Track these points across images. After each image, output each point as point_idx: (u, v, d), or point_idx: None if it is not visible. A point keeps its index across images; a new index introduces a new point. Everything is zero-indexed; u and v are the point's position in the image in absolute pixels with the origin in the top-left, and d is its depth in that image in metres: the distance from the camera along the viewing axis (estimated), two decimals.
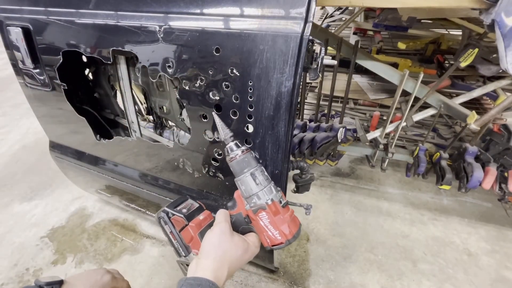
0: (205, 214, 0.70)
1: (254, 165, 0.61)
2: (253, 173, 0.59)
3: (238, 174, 0.61)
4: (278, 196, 0.60)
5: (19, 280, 1.28)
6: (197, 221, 0.66)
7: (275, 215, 0.58)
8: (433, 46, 1.92)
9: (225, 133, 0.63)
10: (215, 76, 0.67)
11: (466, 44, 1.10)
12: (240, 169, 0.61)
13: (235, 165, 0.61)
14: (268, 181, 0.61)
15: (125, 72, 0.97)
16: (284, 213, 0.59)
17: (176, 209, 0.67)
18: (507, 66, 0.70)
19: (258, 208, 0.59)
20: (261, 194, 0.59)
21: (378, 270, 1.31)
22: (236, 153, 0.61)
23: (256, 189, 0.59)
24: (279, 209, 0.59)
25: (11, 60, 1.00)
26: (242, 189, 0.61)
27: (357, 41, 1.19)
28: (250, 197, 0.60)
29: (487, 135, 1.22)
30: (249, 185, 0.60)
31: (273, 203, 0.59)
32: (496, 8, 0.66)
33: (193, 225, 0.65)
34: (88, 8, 0.78)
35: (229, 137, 0.63)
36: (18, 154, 2.10)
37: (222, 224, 0.60)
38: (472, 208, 1.63)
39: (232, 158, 0.61)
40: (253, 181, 0.59)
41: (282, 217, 0.59)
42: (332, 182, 1.81)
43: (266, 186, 0.60)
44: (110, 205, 1.65)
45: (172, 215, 0.66)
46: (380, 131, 1.36)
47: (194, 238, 0.64)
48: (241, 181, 0.61)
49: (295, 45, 0.57)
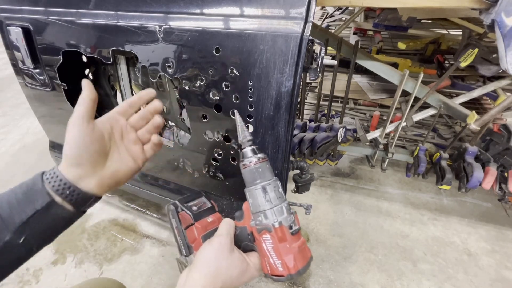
0: (214, 217, 0.64)
1: (269, 178, 0.53)
2: (265, 187, 0.52)
3: (248, 184, 0.54)
4: (289, 220, 0.51)
5: (19, 280, 1.28)
6: (204, 223, 0.61)
7: (280, 242, 0.50)
8: (433, 46, 1.92)
9: (244, 135, 0.56)
10: (215, 76, 0.68)
11: (466, 44, 1.10)
12: (252, 179, 0.53)
13: (247, 174, 0.54)
14: (281, 200, 0.52)
15: (125, 72, 0.97)
16: (292, 241, 0.50)
17: (186, 205, 0.63)
18: (507, 66, 0.70)
19: (263, 229, 0.51)
20: (269, 213, 0.51)
21: (378, 270, 1.31)
22: (250, 160, 0.53)
23: (265, 206, 0.51)
24: (286, 235, 0.50)
25: (11, 60, 1.00)
26: (250, 202, 0.54)
27: (357, 41, 1.19)
28: (256, 213, 0.52)
29: (487, 135, 1.22)
30: (258, 200, 0.52)
31: (280, 227, 0.50)
32: (496, 8, 0.66)
33: (198, 227, 0.60)
34: (88, 8, 0.78)
35: (247, 140, 0.56)
36: (18, 154, 2.10)
37: (223, 237, 0.52)
38: (472, 208, 1.63)
39: (245, 165, 0.54)
40: (263, 196, 0.52)
41: (288, 246, 0.49)
42: (332, 182, 1.81)
43: (277, 205, 0.51)
44: (110, 205, 1.65)
45: (181, 210, 0.62)
46: (380, 131, 1.36)
47: (197, 240, 0.60)
48: (250, 193, 0.53)
49: (295, 45, 0.57)
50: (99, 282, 0.76)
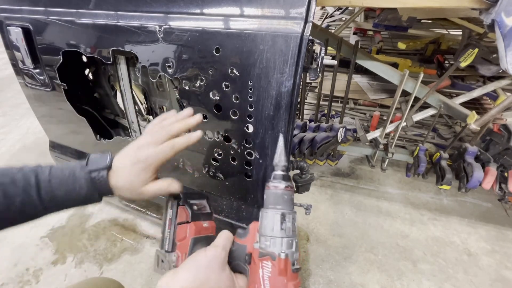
0: (209, 224, 0.62)
1: (290, 208, 0.53)
2: (285, 215, 0.51)
3: (268, 205, 0.53)
4: (294, 256, 0.50)
5: (19, 280, 1.28)
6: (199, 225, 0.59)
7: (279, 274, 0.47)
8: (433, 46, 1.92)
9: (281, 159, 0.56)
10: (215, 76, 0.67)
11: (466, 44, 1.10)
12: (274, 202, 0.52)
13: (271, 196, 0.53)
14: (294, 235, 0.51)
15: (125, 72, 0.97)
16: (291, 279, 0.48)
17: (188, 201, 0.60)
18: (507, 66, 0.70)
19: (266, 254, 0.49)
20: (279, 242, 0.49)
21: (378, 270, 1.31)
22: (280, 185, 0.53)
23: (278, 233, 0.50)
24: (287, 270, 0.48)
25: (11, 60, 1.00)
26: (263, 223, 0.52)
27: (357, 41, 1.19)
28: (266, 237, 0.50)
29: (487, 135, 1.22)
30: (273, 224, 0.50)
31: (286, 259, 0.48)
32: (496, 8, 0.66)
33: (193, 226, 0.58)
34: (88, 8, 0.78)
35: (282, 165, 0.56)
36: (18, 154, 2.10)
37: (219, 249, 0.50)
38: (472, 208, 1.63)
39: (273, 187, 0.53)
40: (279, 223, 0.50)
41: (285, 282, 0.47)
42: (332, 182, 1.81)
43: (289, 237, 0.50)
44: (110, 205, 1.65)
45: (182, 204, 0.59)
46: (380, 131, 1.36)
47: (186, 240, 0.56)
48: (267, 214, 0.52)
49: (295, 45, 0.57)
50: (98, 282, 0.76)
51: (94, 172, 0.50)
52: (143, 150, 0.53)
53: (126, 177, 0.52)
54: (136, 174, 0.52)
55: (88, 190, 0.50)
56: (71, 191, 0.49)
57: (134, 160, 0.52)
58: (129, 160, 0.52)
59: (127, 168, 0.52)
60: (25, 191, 0.47)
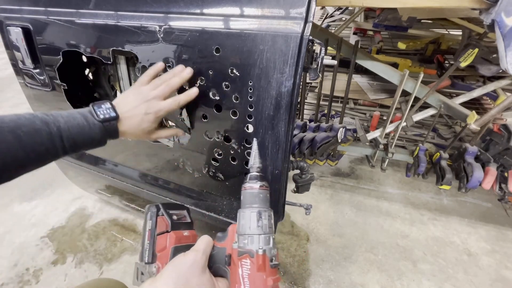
0: (190, 233, 0.62)
1: (265, 206, 0.55)
2: (261, 212, 0.53)
3: (245, 205, 0.56)
4: (272, 252, 0.51)
5: (19, 280, 1.28)
6: (179, 234, 0.59)
7: (258, 270, 0.48)
8: (433, 46, 1.92)
9: (255, 161, 0.60)
10: (215, 76, 0.67)
11: (466, 44, 1.10)
12: (250, 202, 0.55)
13: (248, 195, 0.56)
14: (271, 231, 0.53)
15: (125, 72, 0.97)
16: (269, 274, 0.49)
17: (167, 211, 0.61)
18: (507, 66, 0.70)
19: (245, 252, 0.50)
20: (256, 239, 0.51)
21: (378, 270, 1.31)
22: (255, 185, 0.56)
23: (255, 230, 0.52)
24: (266, 266, 0.49)
25: (11, 60, 1.00)
26: (240, 223, 0.54)
27: (357, 41, 1.19)
28: (244, 235, 0.52)
29: (487, 135, 1.22)
30: (250, 222, 0.52)
31: (263, 255, 0.49)
32: (496, 8, 0.66)
33: (173, 236, 0.58)
34: (88, 8, 0.78)
35: (256, 166, 0.60)
36: None
37: (199, 253, 0.51)
38: (472, 208, 1.63)
39: (248, 187, 0.56)
40: (256, 221, 0.52)
41: (264, 278, 0.48)
42: (332, 182, 1.81)
43: (266, 234, 0.52)
44: (110, 205, 1.65)
45: (161, 214, 0.60)
46: (380, 131, 1.36)
47: (166, 250, 0.56)
48: (244, 214, 0.54)
49: (295, 45, 0.57)
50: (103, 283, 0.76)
51: (106, 123, 0.58)
52: (152, 104, 0.62)
53: (137, 125, 0.62)
54: (147, 123, 0.62)
55: (101, 137, 0.58)
56: (88, 138, 0.56)
57: (144, 111, 0.61)
58: (139, 111, 0.61)
59: (138, 117, 0.61)
60: (50, 140, 0.51)
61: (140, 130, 0.63)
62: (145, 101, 0.62)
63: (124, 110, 0.61)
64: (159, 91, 0.63)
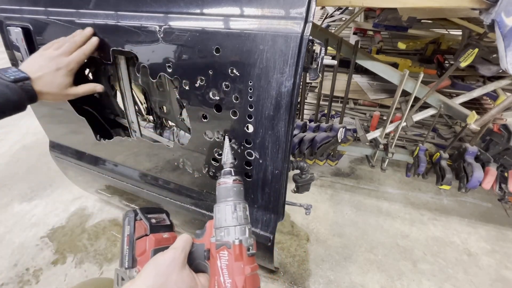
0: (170, 235, 0.63)
1: (240, 199, 0.57)
2: (235, 205, 0.55)
3: (219, 199, 0.57)
4: (248, 241, 0.53)
5: (19, 280, 1.28)
6: (158, 237, 0.60)
7: (236, 260, 0.50)
8: (433, 46, 1.92)
9: (228, 157, 0.63)
10: (215, 76, 0.67)
11: (466, 44, 1.10)
12: (225, 196, 0.57)
13: (222, 190, 0.58)
14: (246, 222, 0.55)
15: (125, 72, 0.97)
16: (247, 263, 0.51)
17: (146, 215, 0.61)
18: (507, 66, 0.70)
19: (222, 244, 0.52)
20: (232, 230, 0.53)
21: (378, 270, 1.31)
22: (228, 180, 0.58)
23: (231, 222, 0.53)
24: (243, 255, 0.51)
25: (11, 60, 1.00)
26: (216, 217, 0.56)
27: (357, 41, 1.19)
28: (220, 228, 0.54)
29: (487, 135, 1.22)
30: (225, 215, 0.54)
31: (240, 245, 0.51)
32: (496, 8, 0.66)
33: (152, 239, 0.58)
34: (88, 8, 0.78)
35: (229, 162, 0.62)
36: (18, 154, 2.10)
37: (178, 250, 0.52)
38: (472, 208, 1.63)
39: (222, 182, 0.58)
40: (231, 213, 0.54)
41: (242, 267, 0.50)
42: (332, 182, 1.81)
43: (241, 224, 0.54)
44: (110, 205, 1.65)
45: (139, 218, 0.60)
46: (380, 131, 1.36)
47: (146, 253, 0.57)
48: (219, 208, 0.56)
49: (295, 45, 0.57)
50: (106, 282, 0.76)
51: (19, 83, 0.59)
52: (60, 59, 0.66)
53: (51, 82, 0.64)
54: (60, 78, 0.65)
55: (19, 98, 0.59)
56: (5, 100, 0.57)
57: (54, 68, 0.64)
58: (49, 69, 0.63)
59: (50, 75, 0.63)
60: None
61: (56, 86, 0.65)
62: (51, 59, 0.65)
63: (33, 71, 0.63)
64: (63, 48, 0.67)
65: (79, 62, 0.69)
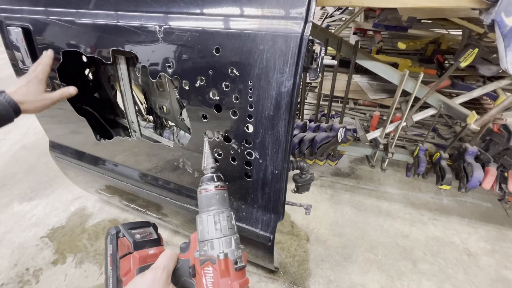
0: (157, 250, 0.58)
1: (223, 207, 0.53)
2: (217, 215, 0.50)
3: (201, 209, 0.53)
4: (235, 254, 0.48)
5: (19, 280, 1.28)
6: (143, 253, 0.55)
7: (221, 276, 0.45)
8: (433, 46, 1.92)
9: (208, 162, 0.58)
10: (215, 76, 0.67)
11: (466, 44, 1.10)
12: (207, 205, 0.52)
13: (203, 199, 0.53)
14: (232, 232, 0.50)
15: (125, 72, 0.97)
16: (235, 278, 0.46)
17: (129, 231, 0.57)
18: (507, 66, 0.70)
19: (206, 260, 0.47)
20: (216, 243, 0.48)
21: (378, 270, 1.31)
22: (209, 187, 0.54)
23: (213, 234, 0.48)
24: (230, 270, 0.46)
25: (11, 60, 1.00)
26: (199, 229, 0.51)
27: (357, 41, 1.19)
28: (203, 242, 0.49)
29: (487, 135, 1.22)
30: (207, 227, 0.49)
31: (225, 259, 0.46)
32: (496, 8, 0.66)
33: (136, 256, 0.54)
34: (88, 8, 0.78)
35: (210, 167, 0.58)
36: (18, 154, 2.10)
37: (158, 270, 0.48)
38: (472, 208, 1.63)
39: (202, 190, 0.54)
40: (213, 224, 0.49)
41: (229, 283, 0.45)
42: (332, 182, 1.81)
43: (226, 236, 0.49)
44: (110, 205, 1.65)
45: (122, 235, 0.56)
46: (380, 131, 1.36)
47: (131, 273, 0.53)
48: (201, 219, 0.51)
49: (295, 45, 0.57)
50: None
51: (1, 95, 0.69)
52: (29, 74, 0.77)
53: (27, 92, 0.74)
54: (32, 87, 0.76)
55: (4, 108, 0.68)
56: None
57: (26, 81, 0.75)
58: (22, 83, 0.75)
59: (24, 86, 0.75)
60: None
61: (31, 94, 0.74)
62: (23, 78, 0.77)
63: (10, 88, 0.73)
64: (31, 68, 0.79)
65: (44, 72, 0.79)
